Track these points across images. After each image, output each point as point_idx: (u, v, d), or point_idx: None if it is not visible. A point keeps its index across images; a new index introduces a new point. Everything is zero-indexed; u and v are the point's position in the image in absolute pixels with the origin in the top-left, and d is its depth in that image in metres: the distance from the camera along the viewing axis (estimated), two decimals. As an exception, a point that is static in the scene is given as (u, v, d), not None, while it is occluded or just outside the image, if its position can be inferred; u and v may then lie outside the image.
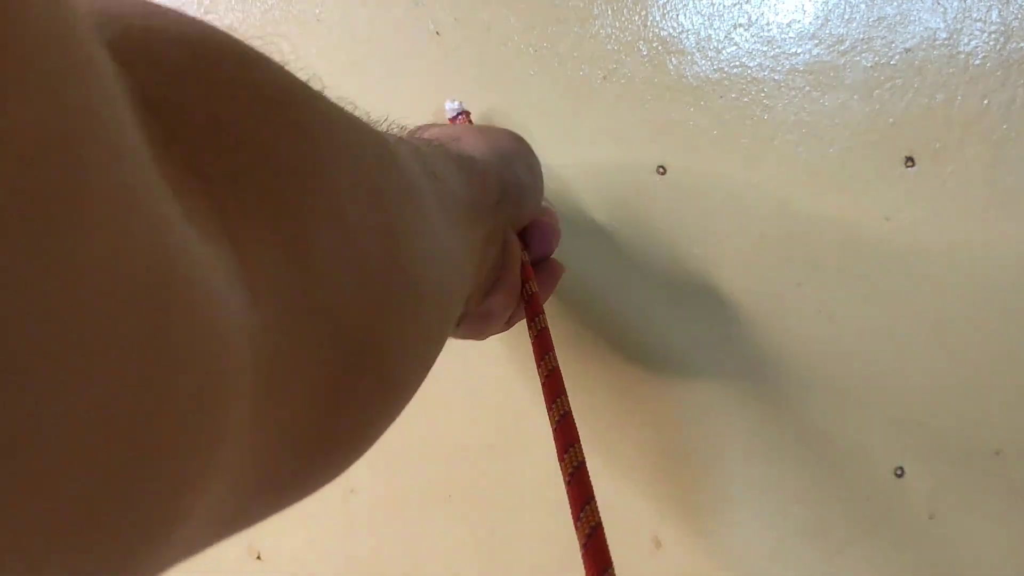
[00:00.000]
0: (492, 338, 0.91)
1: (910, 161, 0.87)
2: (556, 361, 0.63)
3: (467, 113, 0.81)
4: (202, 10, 0.84)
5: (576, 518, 0.50)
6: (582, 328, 0.89)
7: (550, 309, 0.89)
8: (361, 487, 0.92)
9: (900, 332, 0.90)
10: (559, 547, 0.94)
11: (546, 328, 0.65)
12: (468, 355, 0.90)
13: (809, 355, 0.91)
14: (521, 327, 0.90)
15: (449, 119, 0.81)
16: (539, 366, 0.61)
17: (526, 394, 0.91)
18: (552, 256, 0.70)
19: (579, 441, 0.56)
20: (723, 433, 0.92)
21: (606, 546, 0.48)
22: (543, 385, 0.60)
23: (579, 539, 0.49)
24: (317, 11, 0.84)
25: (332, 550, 0.94)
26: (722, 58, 0.84)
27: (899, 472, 0.93)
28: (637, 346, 0.90)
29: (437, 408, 0.91)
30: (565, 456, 0.55)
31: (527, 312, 0.65)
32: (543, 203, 0.71)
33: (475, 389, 0.91)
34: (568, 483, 0.53)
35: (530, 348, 0.87)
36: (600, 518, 0.50)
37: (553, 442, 0.56)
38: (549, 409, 0.58)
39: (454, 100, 0.81)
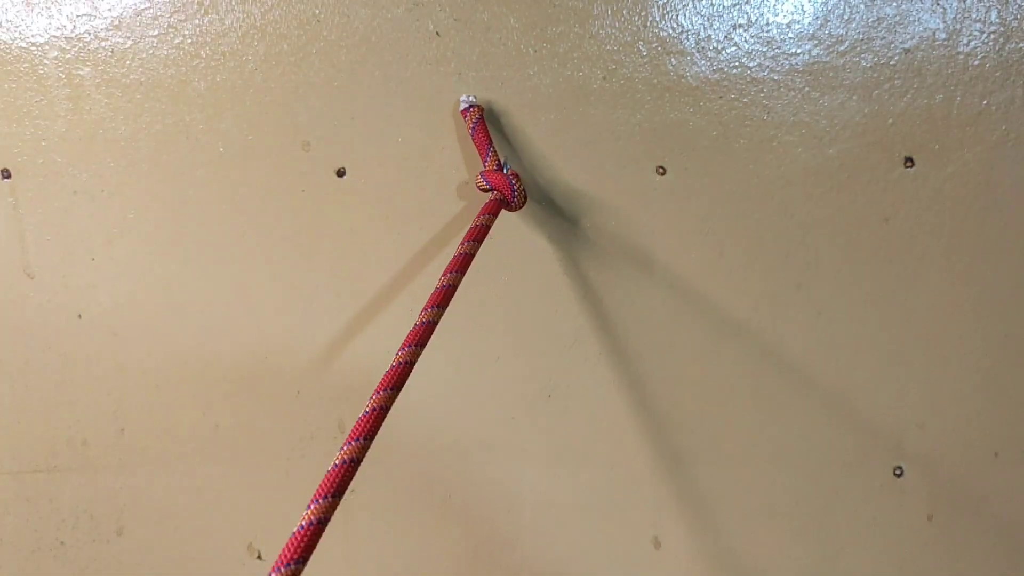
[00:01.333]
0: (491, 337, 0.91)
1: (909, 161, 0.87)
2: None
3: (480, 107, 0.82)
4: (202, 10, 0.84)
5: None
6: (582, 327, 0.89)
7: (550, 308, 0.89)
8: (361, 487, 0.92)
9: (900, 332, 0.90)
10: (558, 547, 0.94)
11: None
12: (467, 355, 0.90)
13: (809, 355, 0.91)
14: (523, 320, 0.90)
15: (461, 110, 0.83)
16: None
17: (525, 394, 0.91)
18: None
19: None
20: (723, 433, 0.92)
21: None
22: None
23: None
24: (317, 11, 0.85)
25: (332, 550, 0.94)
26: (721, 59, 0.84)
27: (898, 472, 0.93)
28: (637, 345, 0.90)
29: (436, 408, 0.91)
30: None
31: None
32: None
33: (474, 389, 0.91)
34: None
35: (530, 348, 0.88)
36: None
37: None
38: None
39: (469, 95, 0.84)
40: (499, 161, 0.83)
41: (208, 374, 0.90)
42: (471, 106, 0.83)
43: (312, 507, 0.52)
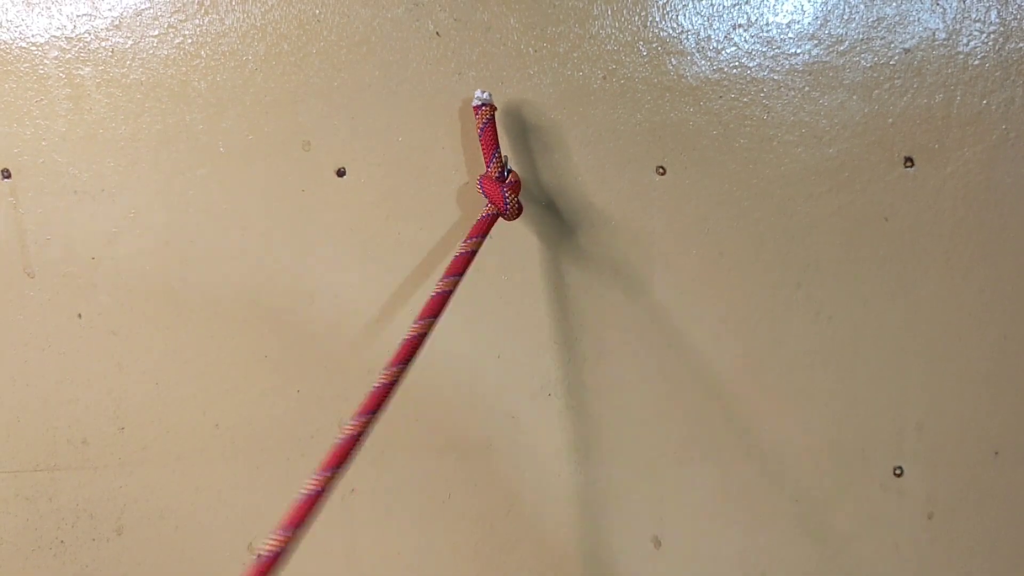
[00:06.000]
0: (491, 336, 0.91)
1: (909, 161, 0.87)
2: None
3: (492, 107, 0.81)
4: (202, 10, 0.84)
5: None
6: (582, 326, 0.89)
7: (551, 307, 0.89)
8: (361, 487, 0.92)
9: (900, 331, 0.91)
10: (559, 546, 0.94)
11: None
12: (467, 355, 0.90)
13: (809, 355, 0.91)
14: (523, 313, 0.90)
15: (473, 106, 0.81)
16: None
17: (526, 393, 0.91)
18: None
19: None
20: (722, 432, 0.92)
21: None
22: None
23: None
24: (317, 11, 0.85)
25: (332, 550, 0.94)
26: (721, 58, 0.84)
27: (898, 472, 0.93)
28: (637, 344, 0.90)
29: (437, 407, 0.91)
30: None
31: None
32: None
33: (474, 388, 0.91)
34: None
35: (531, 347, 0.88)
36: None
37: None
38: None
39: (484, 91, 0.81)
40: (502, 167, 0.82)
41: (208, 373, 0.90)
42: (484, 104, 0.80)
43: (314, 480, 0.56)
